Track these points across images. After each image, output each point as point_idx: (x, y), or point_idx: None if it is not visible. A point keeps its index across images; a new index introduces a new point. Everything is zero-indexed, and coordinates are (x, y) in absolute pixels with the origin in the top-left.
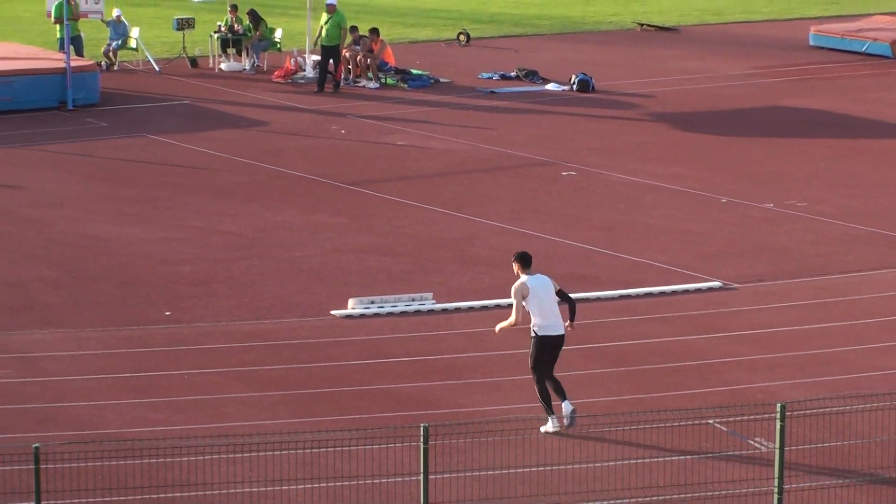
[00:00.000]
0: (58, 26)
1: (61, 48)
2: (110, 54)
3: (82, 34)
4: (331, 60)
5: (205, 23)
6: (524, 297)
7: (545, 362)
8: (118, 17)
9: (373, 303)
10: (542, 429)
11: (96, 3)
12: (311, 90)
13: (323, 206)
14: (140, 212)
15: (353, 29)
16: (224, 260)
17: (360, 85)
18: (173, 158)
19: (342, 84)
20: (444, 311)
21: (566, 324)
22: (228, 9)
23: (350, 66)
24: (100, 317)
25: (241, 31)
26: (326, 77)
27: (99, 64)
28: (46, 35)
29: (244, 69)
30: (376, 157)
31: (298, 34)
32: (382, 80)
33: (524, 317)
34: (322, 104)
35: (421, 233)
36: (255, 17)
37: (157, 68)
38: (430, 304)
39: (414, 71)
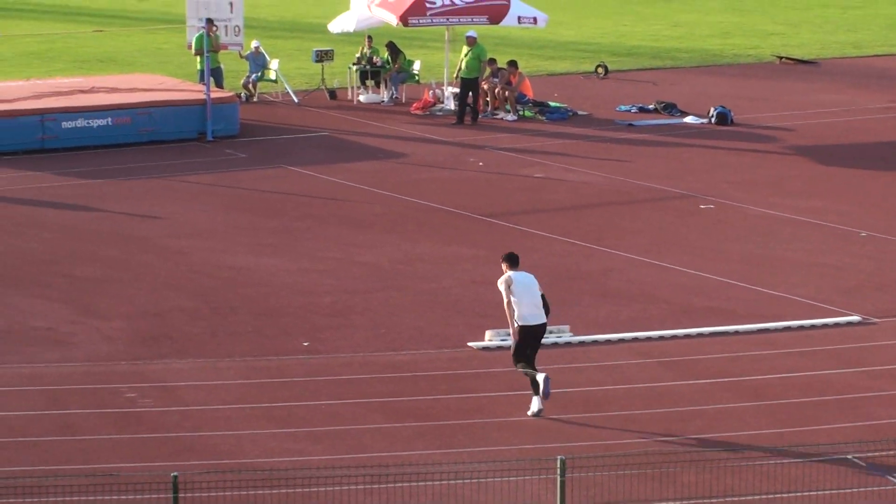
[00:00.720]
0: (198, 58)
1: (201, 80)
2: (250, 86)
3: (222, 66)
4: (470, 93)
5: (344, 55)
6: (509, 287)
7: (528, 352)
8: (257, 48)
9: (509, 335)
10: (530, 412)
11: (236, 36)
12: (450, 122)
13: (460, 237)
14: (279, 243)
15: (492, 61)
16: (362, 291)
17: (498, 117)
18: (312, 190)
19: (480, 116)
20: (581, 343)
21: None
22: (365, 41)
23: (488, 99)
24: (238, 347)
25: (379, 64)
26: (465, 109)
27: (238, 95)
28: (187, 67)
29: (383, 101)
30: (514, 189)
31: (437, 66)
32: (520, 113)
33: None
34: (460, 136)
35: (558, 265)
36: (394, 50)
37: (296, 100)
38: (567, 337)
39: (552, 103)
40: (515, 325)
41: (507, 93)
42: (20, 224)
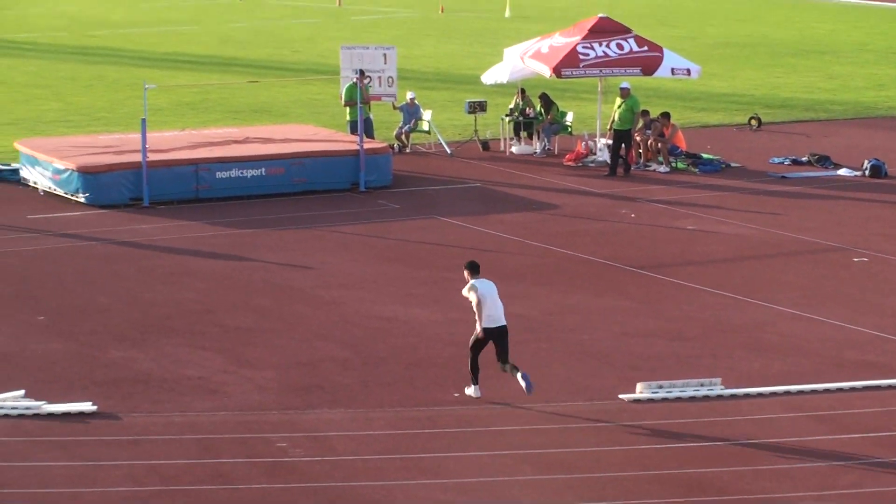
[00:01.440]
0: (347, 109)
1: (352, 130)
2: (403, 137)
3: (372, 116)
4: (622, 144)
5: (496, 106)
6: (477, 293)
7: (494, 350)
8: (412, 100)
9: (661, 387)
10: (466, 391)
11: (389, 87)
12: (602, 174)
13: (612, 289)
14: (429, 293)
15: (645, 113)
16: (512, 342)
17: (650, 169)
18: (463, 241)
19: (633, 168)
20: (733, 396)
21: None
22: (518, 92)
23: (641, 150)
24: (389, 397)
25: (532, 115)
26: (618, 161)
27: (391, 146)
28: (340, 117)
29: (535, 152)
30: (666, 241)
31: (589, 118)
32: (673, 165)
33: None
34: (613, 188)
35: (710, 318)
36: (547, 101)
37: (448, 151)
38: (718, 390)
39: (705, 155)
40: (478, 326)
41: (659, 144)
42: (174, 273)
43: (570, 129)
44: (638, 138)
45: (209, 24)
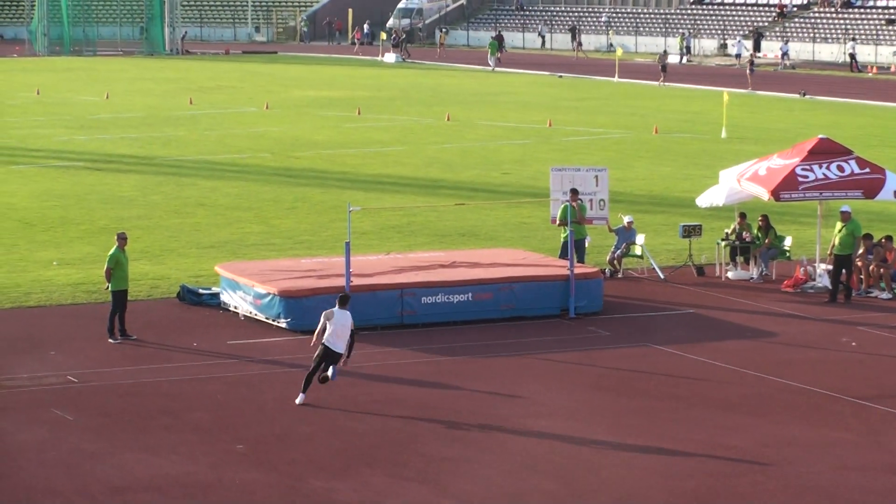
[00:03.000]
0: (562, 229)
1: (563, 254)
2: (615, 261)
3: (590, 239)
4: (843, 270)
5: (712, 230)
6: (327, 318)
7: (322, 365)
8: (629, 223)
9: None
10: (297, 400)
11: (601, 210)
12: (822, 300)
13: (831, 420)
14: (641, 424)
15: (867, 237)
16: (726, 475)
17: (872, 295)
18: (676, 369)
19: (854, 294)
20: None
21: (343, 358)
22: (737, 216)
23: (863, 276)
24: None
25: (749, 239)
26: (838, 287)
27: (602, 271)
28: (550, 241)
29: (752, 277)
30: (889, 371)
31: (808, 242)
32: None
33: (318, 336)
34: (833, 315)
35: None
36: (767, 224)
37: (661, 276)
38: None
39: None
40: (321, 342)
41: (882, 270)
42: (377, 401)
43: (788, 254)
44: (859, 263)
45: (415, 144)
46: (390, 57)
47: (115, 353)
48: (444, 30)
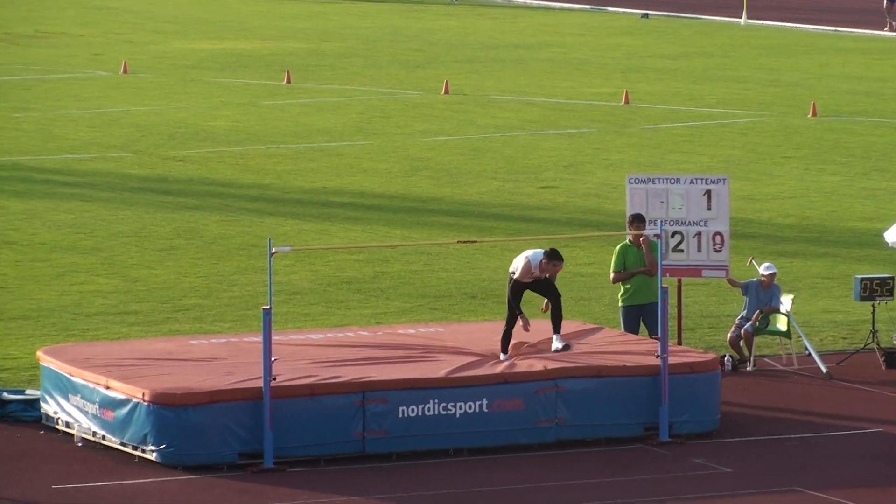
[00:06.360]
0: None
1: (627, 327)
2: (741, 342)
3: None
4: None
5: None
6: None
7: None
8: (770, 276)
9: None
10: None
11: (716, 250)
12: None
13: None
14: None
15: None
16: None
17: None
18: None
19: None
20: None
21: None
22: None
23: None
24: None
25: None
26: None
27: (721, 359)
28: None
29: None
30: None
31: None
32: None
33: None
34: None
35: None
36: None
37: (823, 368)
38: None
39: None
40: None
41: None
42: None
43: None
44: None
45: (387, 137)
46: None
47: None
48: None
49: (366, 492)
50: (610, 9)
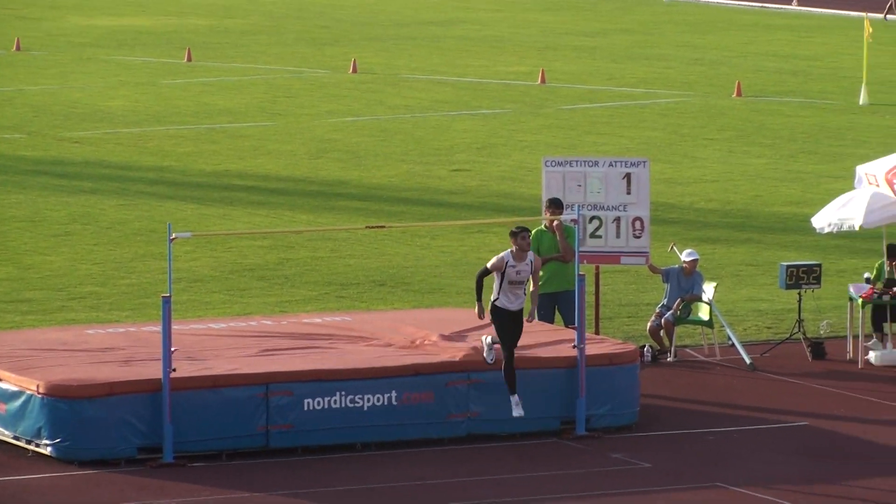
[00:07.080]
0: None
1: (543, 317)
2: (662, 332)
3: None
4: None
5: (839, 274)
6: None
7: None
8: (690, 263)
9: None
10: None
11: (636, 236)
12: None
13: None
14: None
15: None
16: None
17: None
18: None
19: None
20: None
21: None
22: (885, 251)
23: None
24: None
25: None
26: None
27: (640, 350)
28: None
29: None
30: None
31: None
32: None
33: None
34: None
35: None
36: None
37: (747, 359)
38: None
39: None
40: None
41: None
42: None
43: None
44: None
45: (293, 117)
46: None
47: None
48: None
49: (270, 487)
50: None
